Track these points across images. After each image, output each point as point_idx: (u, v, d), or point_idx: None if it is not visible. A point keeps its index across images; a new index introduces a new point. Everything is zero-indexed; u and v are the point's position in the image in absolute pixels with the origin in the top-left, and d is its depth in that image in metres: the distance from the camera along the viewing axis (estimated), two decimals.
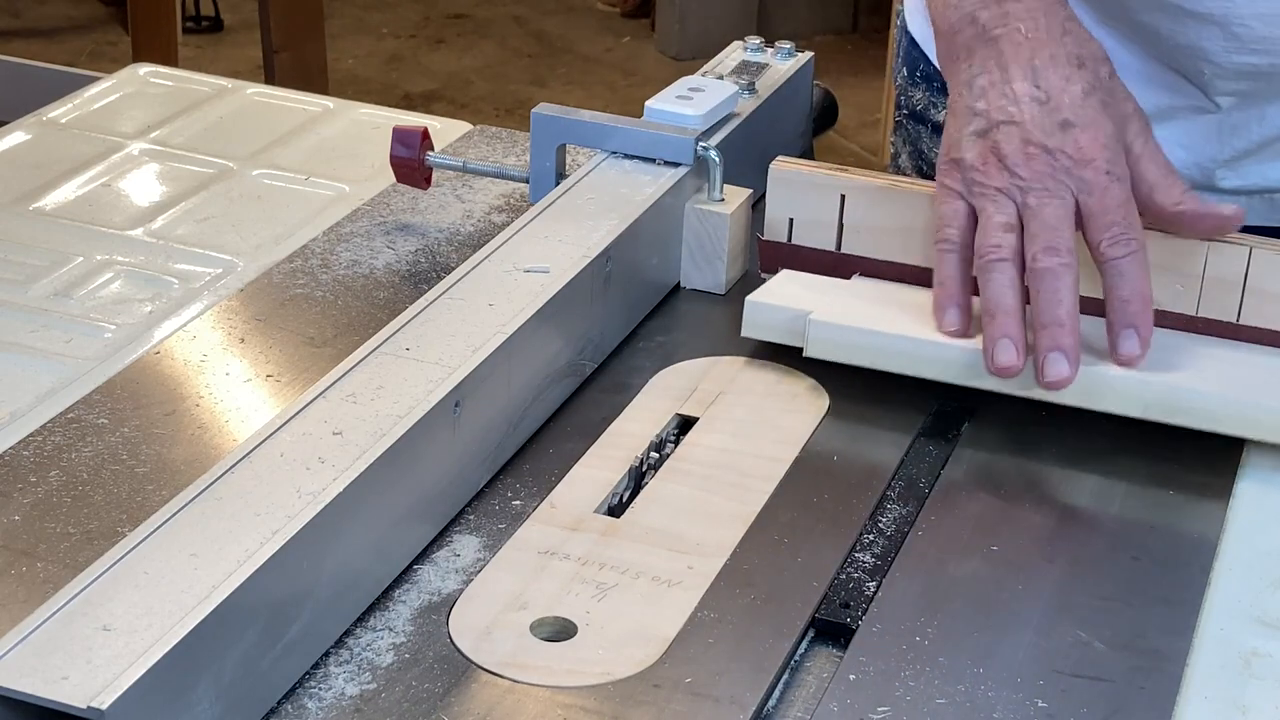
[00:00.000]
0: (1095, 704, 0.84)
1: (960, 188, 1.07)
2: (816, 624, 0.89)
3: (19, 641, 0.74)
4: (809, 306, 1.10)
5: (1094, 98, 1.07)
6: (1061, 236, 1.03)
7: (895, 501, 0.99)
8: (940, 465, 1.02)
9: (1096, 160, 1.04)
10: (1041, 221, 1.03)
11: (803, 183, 1.17)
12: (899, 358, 1.07)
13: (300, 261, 1.22)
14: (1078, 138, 1.05)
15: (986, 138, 1.06)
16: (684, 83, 1.27)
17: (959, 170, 1.07)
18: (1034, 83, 1.06)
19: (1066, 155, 1.04)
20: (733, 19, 4.58)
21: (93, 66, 4.01)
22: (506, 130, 1.44)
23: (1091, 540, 0.97)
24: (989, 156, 1.06)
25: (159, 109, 1.47)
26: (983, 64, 1.09)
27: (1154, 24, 1.24)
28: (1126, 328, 1.04)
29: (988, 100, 1.07)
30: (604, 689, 0.83)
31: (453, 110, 4.26)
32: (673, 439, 1.04)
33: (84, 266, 1.21)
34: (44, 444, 1.00)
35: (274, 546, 0.80)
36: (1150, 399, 1.04)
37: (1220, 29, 1.21)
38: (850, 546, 0.94)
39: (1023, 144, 1.05)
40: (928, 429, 1.06)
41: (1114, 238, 1.03)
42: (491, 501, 0.98)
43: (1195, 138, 1.29)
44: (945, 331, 1.07)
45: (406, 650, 0.86)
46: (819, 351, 1.08)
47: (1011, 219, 1.05)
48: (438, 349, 0.97)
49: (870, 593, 0.91)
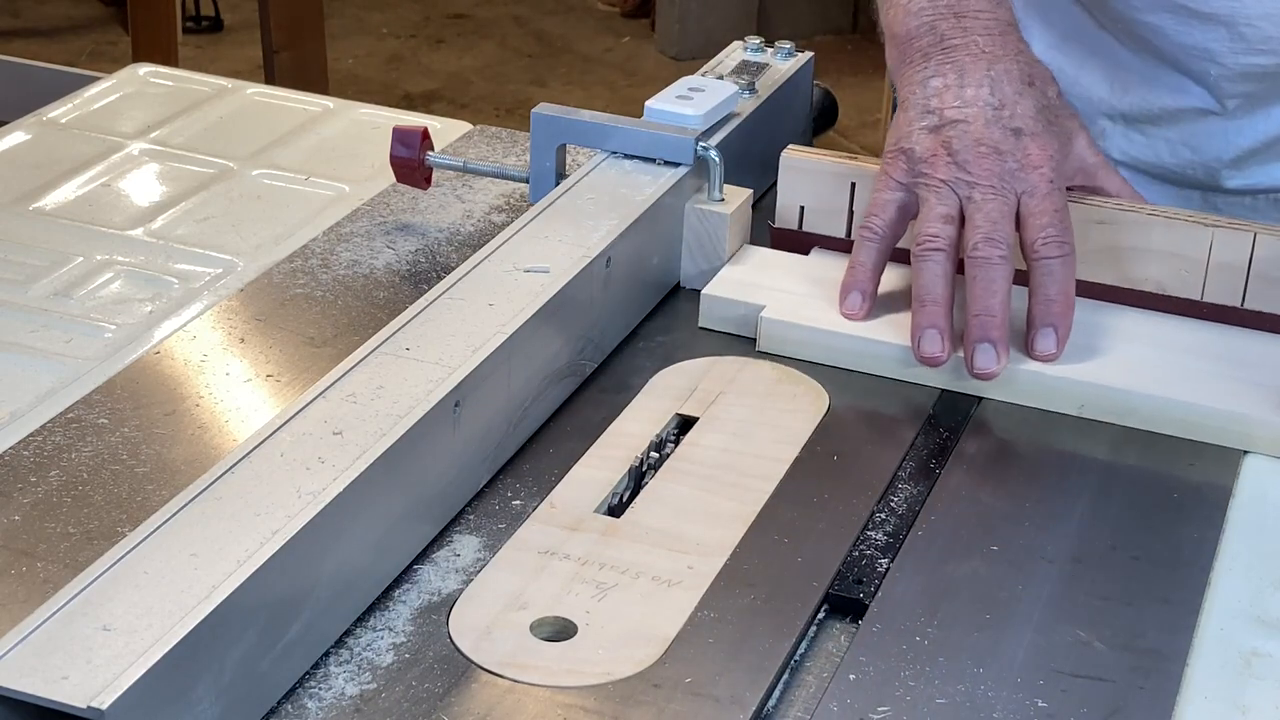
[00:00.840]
0: (1095, 704, 0.84)
1: (904, 178, 1.10)
2: (823, 609, 0.89)
3: (19, 641, 0.74)
4: (763, 299, 1.13)
5: (1043, 116, 1.10)
6: (1002, 231, 1.06)
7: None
8: (940, 465, 1.02)
9: (1043, 168, 1.08)
10: (985, 214, 1.06)
11: (814, 170, 1.19)
12: (846, 355, 1.10)
13: (300, 261, 1.22)
14: (1027, 145, 1.08)
15: (938, 133, 1.09)
16: (684, 83, 1.27)
17: (906, 160, 1.10)
18: (990, 90, 1.10)
19: (1015, 159, 1.08)
20: (733, 19, 4.57)
21: (93, 66, 4.00)
22: (506, 130, 1.44)
23: (1091, 540, 0.97)
24: (939, 150, 1.09)
25: (159, 109, 1.47)
26: (939, 68, 1.12)
27: (1159, 24, 1.24)
28: (1047, 325, 1.07)
29: (942, 100, 1.10)
30: (604, 689, 0.83)
31: (453, 110, 4.26)
32: (673, 439, 1.04)
33: (84, 266, 1.21)
34: (44, 444, 1.00)
35: (274, 546, 0.80)
36: (1086, 398, 1.06)
37: (1227, 29, 1.21)
38: (850, 547, 0.94)
39: (974, 143, 1.08)
40: (928, 429, 1.06)
41: (1048, 238, 1.07)
42: (491, 501, 0.98)
43: (1201, 139, 1.29)
44: (843, 314, 1.11)
45: (406, 650, 0.86)
46: (770, 347, 1.12)
47: (952, 211, 1.08)
48: (438, 349, 0.97)
49: (870, 593, 0.91)
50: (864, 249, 1.11)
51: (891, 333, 1.10)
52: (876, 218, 1.10)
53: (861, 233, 1.11)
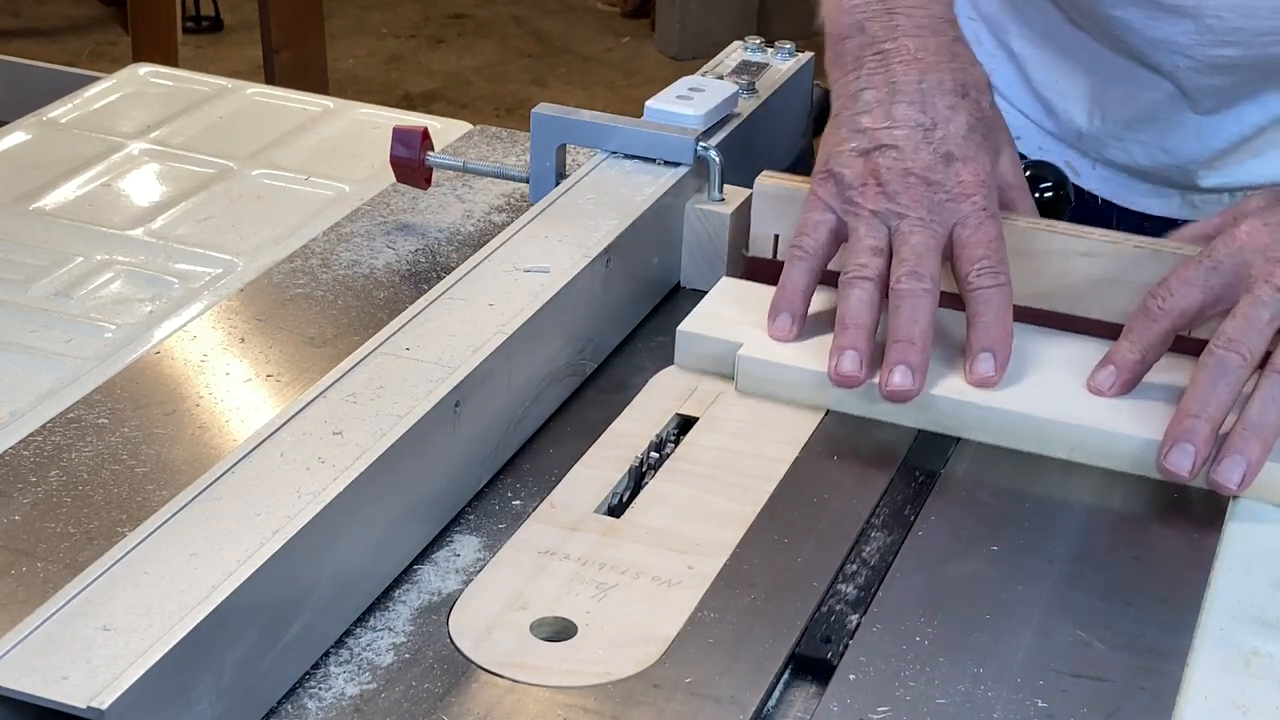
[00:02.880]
0: (1095, 704, 0.84)
1: (834, 203, 1.08)
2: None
3: (19, 641, 0.74)
4: (742, 335, 1.08)
5: (976, 132, 1.08)
6: (927, 264, 1.04)
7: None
8: (940, 465, 1.02)
9: (975, 196, 1.06)
10: (911, 248, 1.05)
11: (790, 197, 1.15)
12: (829, 396, 1.05)
13: (300, 261, 1.22)
14: (959, 171, 1.06)
15: (869, 158, 1.07)
16: (684, 83, 1.27)
17: (836, 185, 1.08)
18: (920, 108, 1.08)
19: (945, 190, 1.06)
20: (733, 19, 4.58)
21: (93, 66, 4.00)
22: (506, 130, 1.44)
23: (1091, 540, 0.97)
24: (869, 179, 1.07)
25: (159, 109, 1.47)
26: (870, 79, 1.09)
27: (1127, 18, 1.24)
28: (985, 350, 1.05)
29: (873, 118, 1.08)
30: (604, 689, 0.83)
31: (453, 110, 4.26)
32: (673, 439, 1.04)
33: (84, 266, 1.21)
34: (44, 444, 1.00)
35: (274, 546, 0.80)
36: (1000, 427, 1.04)
37: (1194, 22, 1.21)
38: (851, 545, 0.95)
39: (903, 173, 1.06)
40: (928, 429, 1.06)
41: (982, 269, 1.05)
42: (491, 501, 0.98)
43: (1175, 140, 1.30)
44: (772, 335, 1.08)
45: (406, 650, 0.86)
46: (750, 387, 1.07)
47: (881, 243, 1.06)
48: (438, 349, 0.97)
49: (871, 594, 0.91)
50: (795, 269, 1.08)
51: (877, 374, 1.05)
52: (807, 237, 1.08)
53: (792, 252, 1.08)
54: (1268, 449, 0.98)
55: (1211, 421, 0.98)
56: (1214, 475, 0.99)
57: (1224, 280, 1.02)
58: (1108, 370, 1.04)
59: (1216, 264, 1.02)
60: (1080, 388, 1.05)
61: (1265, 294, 0.99)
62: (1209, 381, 0.99)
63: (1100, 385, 1.04)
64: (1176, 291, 1.03)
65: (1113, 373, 1.04)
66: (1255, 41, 1.21)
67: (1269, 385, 0.98)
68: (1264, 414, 0.98)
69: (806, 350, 1.07)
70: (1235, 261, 1.02)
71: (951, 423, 1.04)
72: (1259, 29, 1.20)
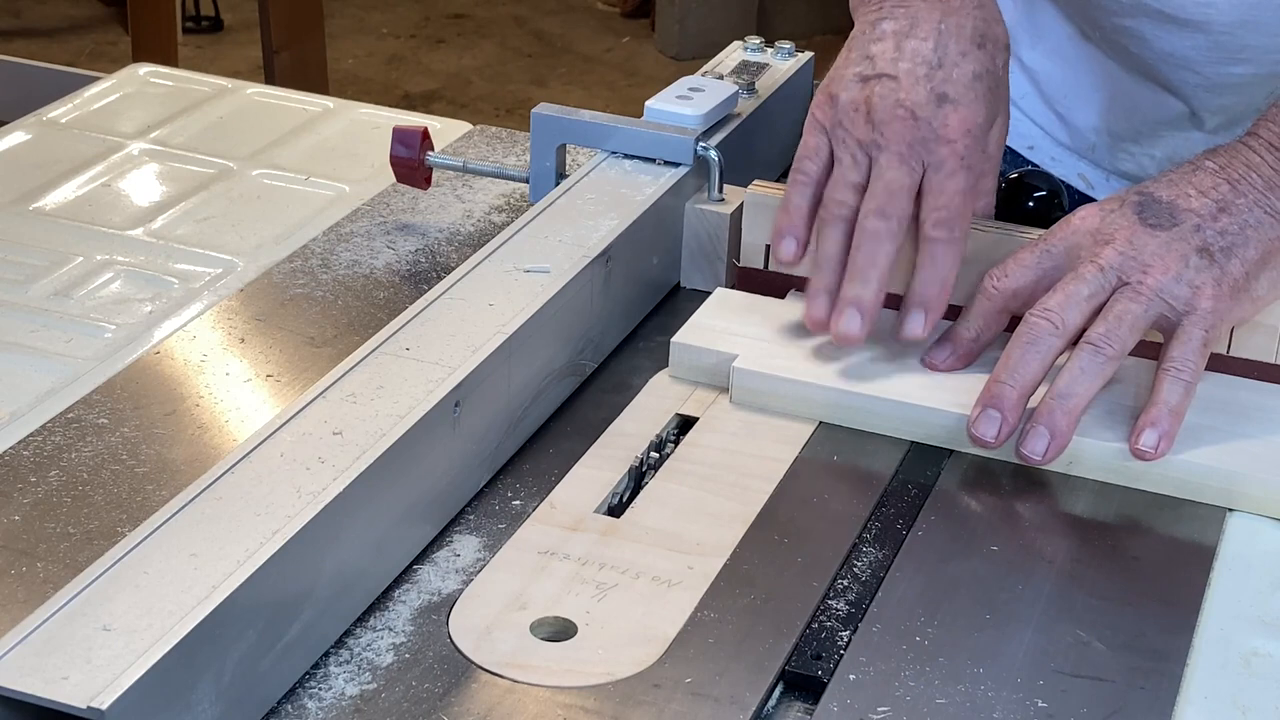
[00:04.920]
0: (1095, 704, 0.84)
1: (828, 125, 1.09)
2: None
3: (19, 641, 0.74)
4: (736, 347, 1.08)
5: (982, 83, 1.08)
6: (897, 204, 1.05)
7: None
8: (940, 465, 1.02)
9: (956, 143, 1.06)
10: (885, 184, 1.06)
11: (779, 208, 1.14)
12: (825, 408, 1.05)
13: (300, 261, 1.22)
14: (948, 115, 1.07)
15: (866, 84, 1.08)
16: (684, 83, 1.27)
17: (833, 108, 1.09)
18: (934, 44, 1.08)
19: (930, 127, 1.06)
20: (733, 19, 4.57)
21: (93, 66, 4.00)
22: (506, 130, 1.44)
23: (1091, 540, 0.97)
24: (861, 105, 1.07)
25: (159, 109, 1.47)
26: (892, 10, 1.10)
27: (1137, 29, 1.24)
28: (918, 308, 1.06)
29: (883, 47, 1.09)
30: (604, 689, 0.83)
31: (453, 110, 4.26)
32: (673, 439, 1.04)
33: (84, 266, 1.21)
34: (44, 444, 1.00)
35: (274, 546, 0.80)
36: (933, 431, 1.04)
37: (1205, 36, 1.21)
38: (851, 546, 0.95)
39: (895, 104, 1.06)
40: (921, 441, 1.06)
41: (939, 220, 1.06)
42: (491, 501, 0.98)
43: (1184, 157, 1.30)
44: (779, 259, 1.10)
45: (406, 650, 0.86)
46: (744, 399, 1.06)
47: (861, 180, 1.07)
48: (438, 349, 0.97)
49: (870, 595, 0.91)
50: (798, 193, 1.09)
51: (874, 386, 1.05)
52: (810, 161, 1.09)
53: (795, 176, 1.09)
54: (1074, 421, 0.99)
55: (1020, 388, 1.00)
56: (1020, 447, 1.00)
57: (1055, 263, 1.04)
58: (944, 347, 1.06)
59: (1050, 247, 1.04)
60: (919, 367, 1.07)
61: (1088, 272, 1.01)
62: (1019, 349, 1.00)
63: (935, 361, 1.06)
64: (1011, 273, 1.05)
65: (949, 349, 1.06)
66: (1265, 59, 1.21)
67: (1080, 357, 0.99)
68: (1072, 385, 0.99)
69: (801, 362, 1.07)
70: (1068, 244, 1.04)
71: (942, 435, 1.04)
72: (1268, 46, 1.20)
